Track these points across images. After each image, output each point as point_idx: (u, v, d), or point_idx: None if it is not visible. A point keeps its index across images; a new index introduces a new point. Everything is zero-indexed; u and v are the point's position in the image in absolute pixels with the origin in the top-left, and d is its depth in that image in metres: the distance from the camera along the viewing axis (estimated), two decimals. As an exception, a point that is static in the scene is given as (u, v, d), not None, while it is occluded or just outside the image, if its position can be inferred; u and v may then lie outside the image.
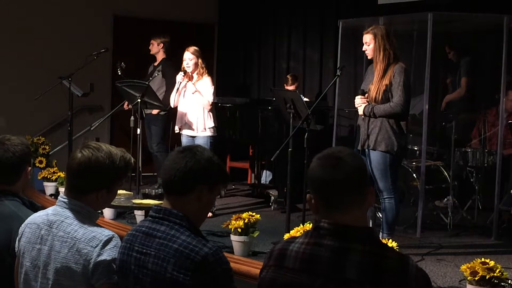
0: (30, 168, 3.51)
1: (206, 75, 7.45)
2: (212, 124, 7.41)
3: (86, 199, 2.95)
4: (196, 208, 2.74)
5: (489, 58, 8.28)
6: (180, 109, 7.52)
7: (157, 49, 8.93)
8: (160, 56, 8.97)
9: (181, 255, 2.59)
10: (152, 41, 8.97)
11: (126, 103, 8.44)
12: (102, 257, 2.79)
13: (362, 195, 2.38)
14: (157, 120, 8.70)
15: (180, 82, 7.45)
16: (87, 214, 2.95)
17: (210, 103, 7.37)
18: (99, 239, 2.83)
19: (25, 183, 3.50)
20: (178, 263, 2.58)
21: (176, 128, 7.56)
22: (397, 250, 2.41)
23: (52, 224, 2.92)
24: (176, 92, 7.51)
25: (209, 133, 7.39)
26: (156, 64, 8.96)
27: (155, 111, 8.58)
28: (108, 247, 2.82)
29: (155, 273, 2.64)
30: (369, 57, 6.00)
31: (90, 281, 2.81)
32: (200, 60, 7.42)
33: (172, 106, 7.60)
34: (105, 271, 2.79)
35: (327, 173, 2.36)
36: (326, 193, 2.38)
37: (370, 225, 6.97)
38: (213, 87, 7.43)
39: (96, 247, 2.81)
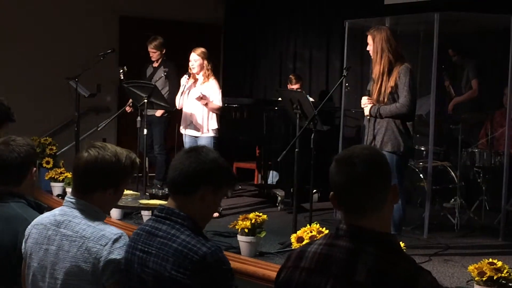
0: (35, 169, 3.49)
1: (212, 77, 7.44)
2: (216, 126, 7.42)
3: (93, 198, 2.95)
4: (199, 209, 2.75)
5: (496, 59, 8.26)
6: (184, 110, 7.54)
7: (159, 55, 8.87)
8: (160, 58, 8.93)
9: (180, 254, 2.60)
10: (152, 50, 8.80)
11: (128, 106, 8.45)
12: (112, 256, 2.80)
13: (381, 197, 2.32)
14: (159, 122, 8.70)
15: (185, 85, 7.46)
16: (95, 214, 2.95)
17: (220, 107, 7.39)
18: (108, 238, 2.84)
19: (31, 184, 3.48)
20: (177, 262, 2.59)
21: (181, 129, 7.57)
22: (415, 261, 2.30)
23: (60, 225, 2.93)
24: (181, 95, 7.53)
25: (212, 134, 7.40)
26: (156, 65, 8.91)
27: (158, 113, 8.58)
28: (117, 245, 2.83)
29: (155, 272, 2.64)
30: (372, 57, 6.01)
31: (100, 279, 2.82)
32: (206, 62, 7.41)
33: (178, 108, 7.60)
34: (115, 270, 2.80)
35: (341, 178, 2.32)
36: (342, 197, 2.35)
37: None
38: (220, 90, 7.43)
39: (105, 245, 2.82)
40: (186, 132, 7.52)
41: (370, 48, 5.94)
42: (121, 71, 8.28)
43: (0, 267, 3.23)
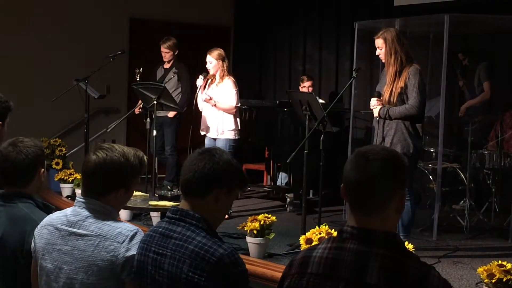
0: (43, 170, 3.50)
1: (227, 77, 7.42)
2: (233, 127, 7.37)
3: (105, 199, 2.97)
4: (213, 210, 2.75)
5: (506, 60, 8.23)
6: (203, 112, 7.52)
7: (172, 56, 8.85)
8: (172, 59, 8.91)
9: (196, 256, 2.60)
10: (165, 50, 8.78)
11: (137, 108, 8.46)
12: (131, 253, 2.83)
13: (390, 199, 2.31)
14: (171, 123, 8.69)
15: (201, 85, 7.45)
16: (107, 212, 2.97)
17: (233, 106, 7.36)
18: (125, 235, 2.86)
19: (39, 185, 3.49)
20: (193, 264, 2.59)
21: (201, 131, 7.55)
22: (419, 258, 2.31)
23: (73, 225, 2.94)
24: (197, 95, 7.52)
25: (229, 135, 7.37)
26: (167, 66, 8.89)
27: (171, 114, 8.58)
28: (134, 242, 2.85)
29: (171, 274, 2.64)
30: (383, 61, 5.99)
31: (119, 276, 2.84)
32: (221, 63, 7.38)
33: (200, 110, 7.57)
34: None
35: (354, 174, 2.31)
36: (352, 193, 2.34)
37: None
38: (235, 90, 7.39)
39: (123, 242, 2.84)
40: (207, 135, 7.50)
41: (380, 51, 5.90)
42: (137, 72, 8.29)
43: (8, 267, 3.24)
